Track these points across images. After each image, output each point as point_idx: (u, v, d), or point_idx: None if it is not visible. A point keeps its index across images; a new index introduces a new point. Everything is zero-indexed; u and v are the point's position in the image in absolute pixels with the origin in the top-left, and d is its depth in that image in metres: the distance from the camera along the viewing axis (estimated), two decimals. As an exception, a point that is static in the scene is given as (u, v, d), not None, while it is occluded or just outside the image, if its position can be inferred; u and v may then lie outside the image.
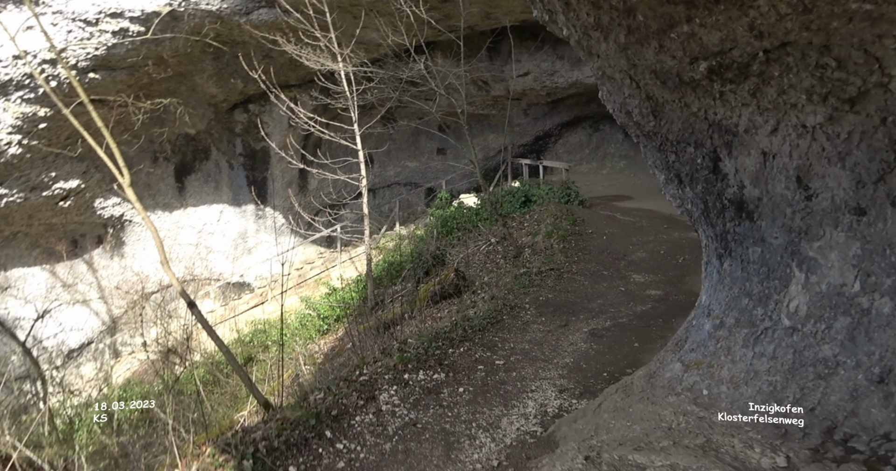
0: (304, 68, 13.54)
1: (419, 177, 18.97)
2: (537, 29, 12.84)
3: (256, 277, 16.84)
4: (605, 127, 17.58)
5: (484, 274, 8.94)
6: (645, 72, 2.69)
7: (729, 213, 2.98)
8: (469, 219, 12.93)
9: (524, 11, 11.17)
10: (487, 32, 13.50)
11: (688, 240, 8.62)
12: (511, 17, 12.13)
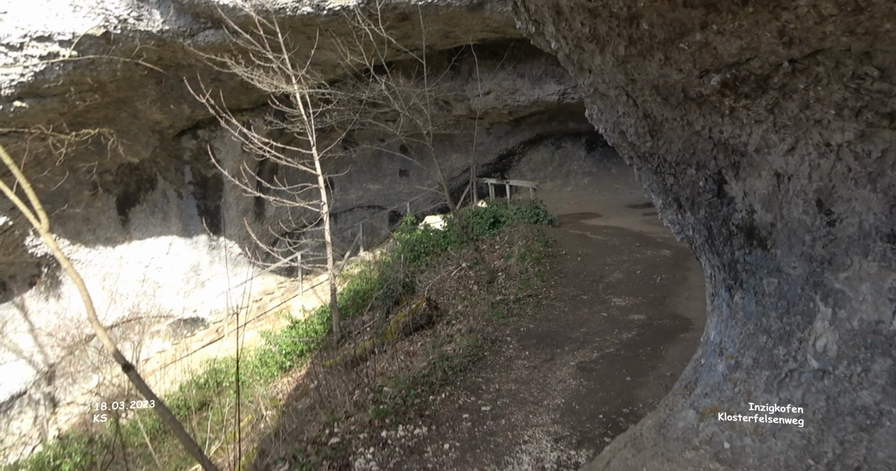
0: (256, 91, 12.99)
1: (382, 200, 18.53)
2: (497, 47, 12.80)
3: (211, 312, 15.86)
4: (567, 144, 17.67)
5: (457, 302, 8.52)
6: (644, 87, 2.39)
7: (737, 240, 2.69)
8: (437, 242, 12.53)
9: (484, 30, 11.06)
10: (446, 52, 13.34)
11: (662, 258, 8.50)
12: (471, 36, 12.02)
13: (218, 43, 10.67)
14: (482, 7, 10.46)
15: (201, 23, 10.63)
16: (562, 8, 2.17)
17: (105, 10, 9.80)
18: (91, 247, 13.75)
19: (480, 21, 11.01)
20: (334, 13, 10.30)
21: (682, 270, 7.93)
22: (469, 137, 17.34)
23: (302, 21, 10.57)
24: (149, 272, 14.88)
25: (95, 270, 13.99)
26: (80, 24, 9.63)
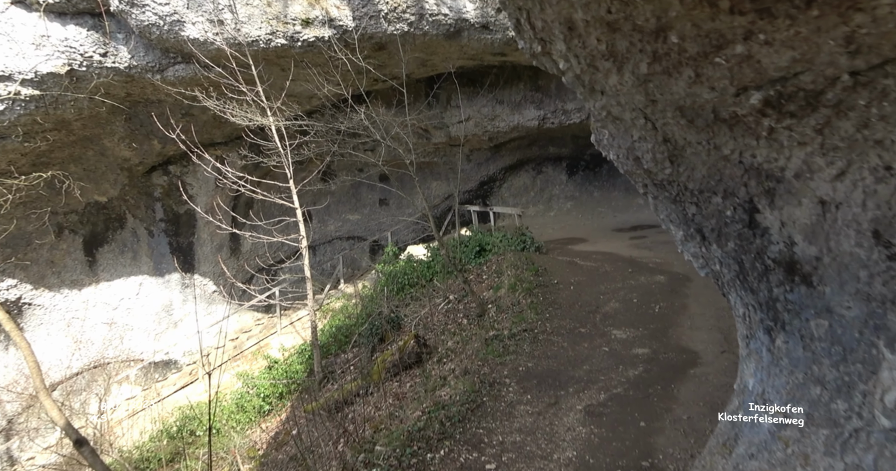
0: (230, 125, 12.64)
1: (362, 230, 18.13)
2: (475, 75, 12.74)
3: (184, 354, 15.09)
4: (548, 169, 17.61)
5: (447, 338, 8.09)
6: (667, 109, 2.10)
7: (775, 276, 2.38)
8: (422, 274, 12.12)
9: (461, 58, 10.99)
10: (424, 80, 13.25)
11: (657, 285, 8.24)
12: (448, 64, 11.93)
13: (189, 77, 10.35)
14: (459, 35, 10.40)
15: (171, 58, 10.32)
16: (575, 23, 1.88)
17: (69, 49, 9.44)
18: (55, 291, 12.99)
19: (458, 49, 10.94)
20: (309, 44, 10.11)
21: (680, 297, 7.67)
22: (449, 165, 17.19)
23: (276, 53, 10.35)
24: (118, 315, 14.12)
25: (60, 315, 13.20)
26: (43, 63, 9.24)
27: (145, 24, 9.22)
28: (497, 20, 10.13)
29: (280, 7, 10.06)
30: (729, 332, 6.44)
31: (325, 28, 9.98)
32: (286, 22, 10.06)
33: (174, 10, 9.22)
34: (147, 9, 9.09)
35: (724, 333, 6.42)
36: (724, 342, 6.14)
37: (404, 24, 10.06)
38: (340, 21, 9.90)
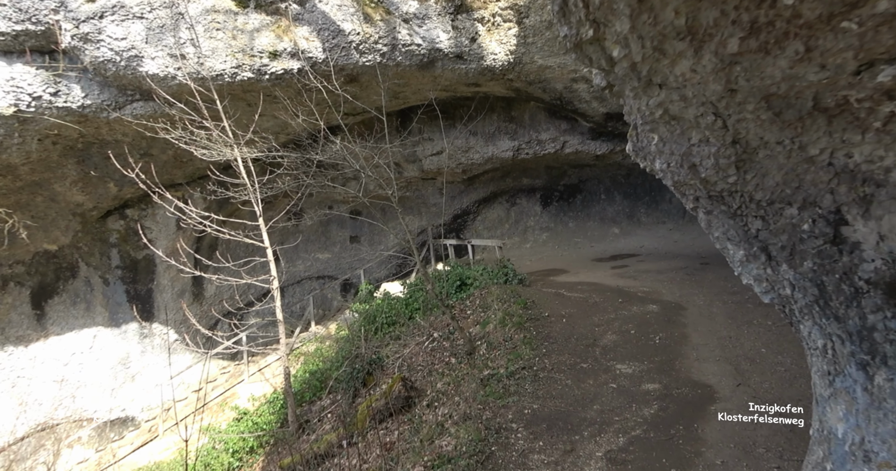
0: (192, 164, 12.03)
1: (333, 269, 17.44)
2: (448, 106, 12.58)
3: (143, 409, 13.86)
4: (522, 200, 17.48)
5: (436, 379, 7.49)
6: (749, 100, 1.74)
7: (871, 300, 2.00)
8: (400, 311, 11.51)
9: (434, 89, 10.81)
10: (395, 113, 13.03)
11: (651, 314, 7.91)
12: (421, 96, 11.75)
13: (148, 115, 9.78)
14: (433, 65, 10.24)
15: (128, 95, 9.76)
16: (648, -10, 1.52)
17: (16, 88, 8.79)
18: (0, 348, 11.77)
19: (431, 79, 10.78)
20: (278, 77, 9.74)
21: (678, 327, 7.35)
22: (422, 199, 16.87)
23: (242, 87, 9.94)
24: (69, 371, 12.88)
25: (3, 375, 11.93)
26: (-13, 103, 8.56)
27: (100, 60, 8.70)
28: (471, 50, 10.04)
29: (246, 40, 9.71)
30: (738, 363, 6.09)
31: (294, 60, 9.66)
32: (252, 55, 9.69)
33: (132, 45, 8.75)
34: (102, 44, 8.59)
35: (733, 364, 6.07)
36: (736, 374, 5.78)
37: (376, 55, 9.84)
38: (310, 53, 9.60)
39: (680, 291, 9.12)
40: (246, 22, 9.58)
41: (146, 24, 8.73)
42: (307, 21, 9.59)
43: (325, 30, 9.56)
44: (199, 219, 8.83)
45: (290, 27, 9.76)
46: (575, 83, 10.77)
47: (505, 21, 9.88)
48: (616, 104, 11.23)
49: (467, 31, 9.95)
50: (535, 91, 11.48)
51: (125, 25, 8.65)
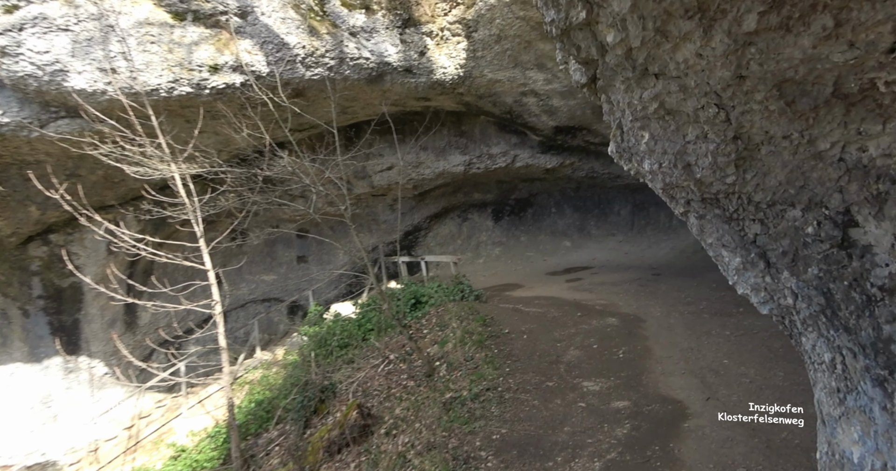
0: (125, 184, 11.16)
1: (279, 291, 16.65)
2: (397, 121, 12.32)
3: (67, 451, 12.59)
4: (473, 215, 17.39)
5: (394, 404, 7.07)
6: (759, 87, 1.56)
7: (885, 308, 1.85)
8: (352, 333, 11.00)
9: (384, 103, 10.56)
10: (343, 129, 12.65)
11: (612, 328, 7.84)
12: (368, 111, 11.47)
13: (76, 132, 8.99)
14: (382, 79, 10.00)
15: (52, 112, 8.96)
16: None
17: (-80, 108, 7.86)
18: None
19: (380, 94, 10.53)
20: (219, 92, 9.21)
21: (640, 340, 7.30)
22: (372, 216, 16.46)
23: (180, 103, 9.34)
24: (-21, 415, 11.49)
25: None
26: None
27: (20, 75, 7.98)
28: (420, 63, 9.88)
29: (183, 53, 9.15)
30: (703, 375, 6.06)
31: (237, 74, 9.17)
32: (191, 69, 9.14)
33: (56, 59, 8.07)
34: (22, 58, 7.88)
35: (698, 376, 6.03)
36: (703, 388, 5.73)
37: (323, 69, 9.51)
38: (253, 67, 9.14)
39: (636, 303, 9.16)
40: (183, 35, 9.03)
41: (72, 37, 8.07)
42: (250, 34, 9.15)
43: (268, 43, 9.15)
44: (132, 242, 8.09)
45: (231, 40, 9.27)
46: (524, 97, 10.81)
47: (454, 35, 9.81)
48: (566, 117, 11.37)
49: (416, 44, 9.80)
50: (486, 105, 11.45)
51: (48, 38, 7.97)
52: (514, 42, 9.32)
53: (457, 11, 9.41)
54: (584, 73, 2.08)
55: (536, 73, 10.04)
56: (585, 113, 10.98)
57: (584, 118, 11.29)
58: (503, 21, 8.94)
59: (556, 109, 10.99)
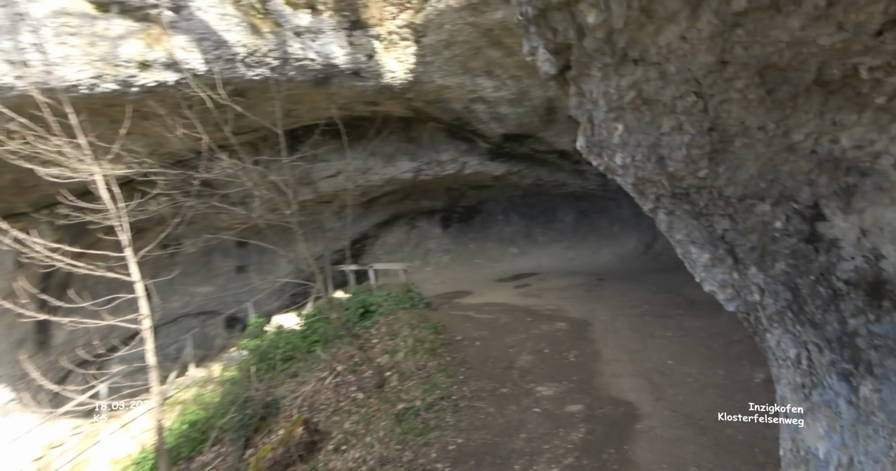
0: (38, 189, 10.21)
1: (216, 304, 15.77)
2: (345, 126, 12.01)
3: (-35, 493, 11.23)
4: (422, 223, 17.24)
5: (343, 418, 6.76)
6: (741, 75, 1.50)
7: (851, 302, 1.84)
8: (297, 345, 10.52)
9: (330, 107, 10.22)
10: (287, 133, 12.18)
11: (562, 332, 7.89)
12: (314, 115, 11.10)
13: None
14: (329, 82, 9.70)
15: (-56, 109, 8.03)
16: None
17: None
18: None
19: (327, 97, 10.20)
20: (149, 90, 8.60)
21: (589, 343, 7.38)
22: (318, 224, 15.95)
23: (104, 100, 8.64)
24: None
25: None
26: None
27: None
28: (369, 67, 9.66)
29: (108, 47, 8.48)
30: (650, 376, 6.16)
31: (171, 72, 8.59)
32: (117, 64, 8.49)
33: (-47, 51, 7.26)
34: None
35: (646, 377, 6.13)
36: (652, 389, 5.82)
37: (266, 69, 9.09)
38: (188, 64, 8.59)
39: (583, 308, 9.29)
40: (107, 28, 8.36)
41: (-27, 25, 7.28)
42: (185, 29, 8.60)
43: (205, 40, 8.64)
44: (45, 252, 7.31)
45: (163, 35, 8.69)
46: (473, 104, 10.81)
47: (402, 39, 9.66)
48: (514, 125, 11.46)
49: (364, 47, 9.57)
50: (435, 111, 11.37)
51: (-57, 27, 7.15)
52: (464, 48, 9.29)
53: (406, 16, 9.28)
54: (554, 63, 1.98)
55: (485, 80, 10.07)
56: (533, 121, 11.13)
57: (532, 126, 11.43)
58: (453, 27, 8.90)
59: (505, 117, 11.06)
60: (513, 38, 8.55)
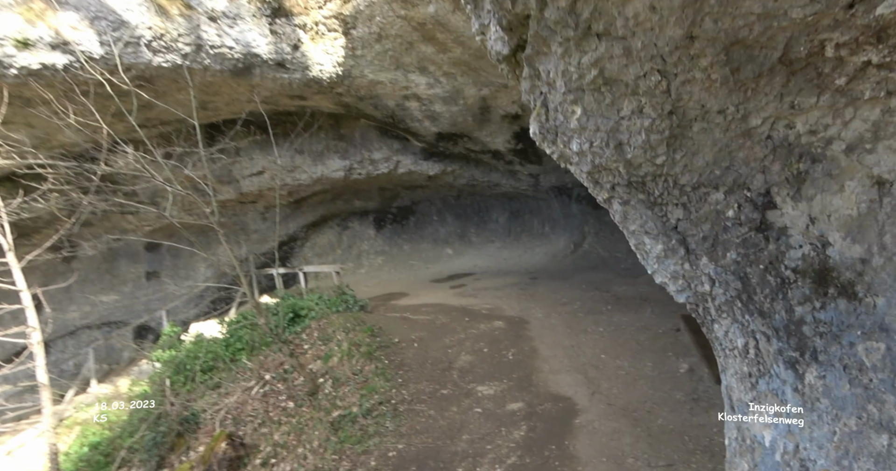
0: None
1: (123, 313, 14.43)
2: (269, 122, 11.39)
3: None
4: (354, 224, 16.77)
5: (272, 430, 6.32)
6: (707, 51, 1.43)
7: (798, 290, 1.83)
8: (219, 354, 9.80)
9: (252, 100, 9.61)
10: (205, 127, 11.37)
11: (500, 331, 7.86)
12: (234, 108, 10.42)
13: None
14: (250, 72, 9.11)
15: None
16: None
17: None
18: None
19: (249, 89, 9.60)
20: (32, 73, 7.64)
21: (527, 340, 7.39)
22: (241, 225, 15.08)
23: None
24: None
25: None
26: None
27: None
28: (294, 58, 9.18)
29: (-25, 21, 7.46)
30: (586, 371, 6.25)
31: (58, 53, 7.66)
32: (-12, 42, 7.48)
33: None
34: None
35: (582, 372, 6.21)
36: (588, 383, 5.90)
37: (177, 56, 8.37)
38: (81, 45, 7.70)
39: (519, 306, 9.35)
40: (-26, -3, 7.35)
41: None
42: (75, 6, 7.67)
43: (101, 19, 7.76)
44: None
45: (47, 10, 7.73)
46: (407, 101, 10.60)
47: (330, 30, 9.26)
48: (448, 123, 11.36)
49: (288, 37, 9.08)
50: (367, 108, 11.03)
51: None
52: (396, 42, 9.06)
53: (333, 5, 8.89)
54: (507, 41, 1.83)
55: (419, 77, 9.88)
56: (467, 120, 11.08)
57: (466, 125, 11.39)
58: (383, 19, 8.63)
59: (439, 115, 10.94)
60: (446, 34, 8.43)
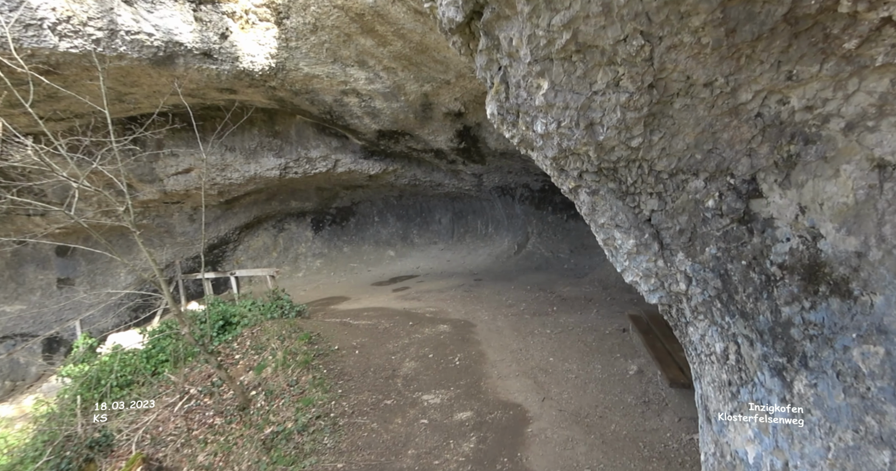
0: None
1: (30, 324, 13.07)
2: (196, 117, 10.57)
3: None
4: (291, 225, 15.98)
5: (196, 450, 5.73)
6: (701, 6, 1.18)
7: (785, 288, 1.65)
8: (139, 368, 8.93)
9: (175, 93, 8.82)
10: (122, 121, 10.40)
11: (445, 335, 7.55)
12: (155, 101, 9.55)
13: None
14: (173, 62, 8.36)
15: None
16: None
17: None
18: None
19: (172, 80, 8.80)
20: None
21: (473, 344, 7.13)
22: (166, 228, 14.00)
23: None
24: None
25: None
26: None
27: None
28: (222, 48, 8.51)
29: None
30: (535, 375, 6.07)
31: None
32: None
33: None
34: None
35: (531, 377, 6.02)
36: (537, 388, 5.70)
37: (87, 42, 7.52)
38: (-30, 26, 6.78)
39: (464, 309, 9.11)
40: None
41: None
42: (-42, -21, 6.76)
43: (-7, -4, 6.87)
44: None
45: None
46: (346, 96, 10.12)
47: (261, 19, 8.66)
48: (389, 121, 10.98)
49: (215, 25, 8.40)
50: (303, 103, 10.46)
51: None
52: (333, 34, 8.59)
53: (265, -8, 8.32)
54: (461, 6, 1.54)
55: (358, 71, 9.44)
56: (409, 117, 10.75)
57: (408, 123, 11.06)
58: (319, 9, 8.15)
59: (379, 112, 10.53)
60: (386, 26, 8.08)
